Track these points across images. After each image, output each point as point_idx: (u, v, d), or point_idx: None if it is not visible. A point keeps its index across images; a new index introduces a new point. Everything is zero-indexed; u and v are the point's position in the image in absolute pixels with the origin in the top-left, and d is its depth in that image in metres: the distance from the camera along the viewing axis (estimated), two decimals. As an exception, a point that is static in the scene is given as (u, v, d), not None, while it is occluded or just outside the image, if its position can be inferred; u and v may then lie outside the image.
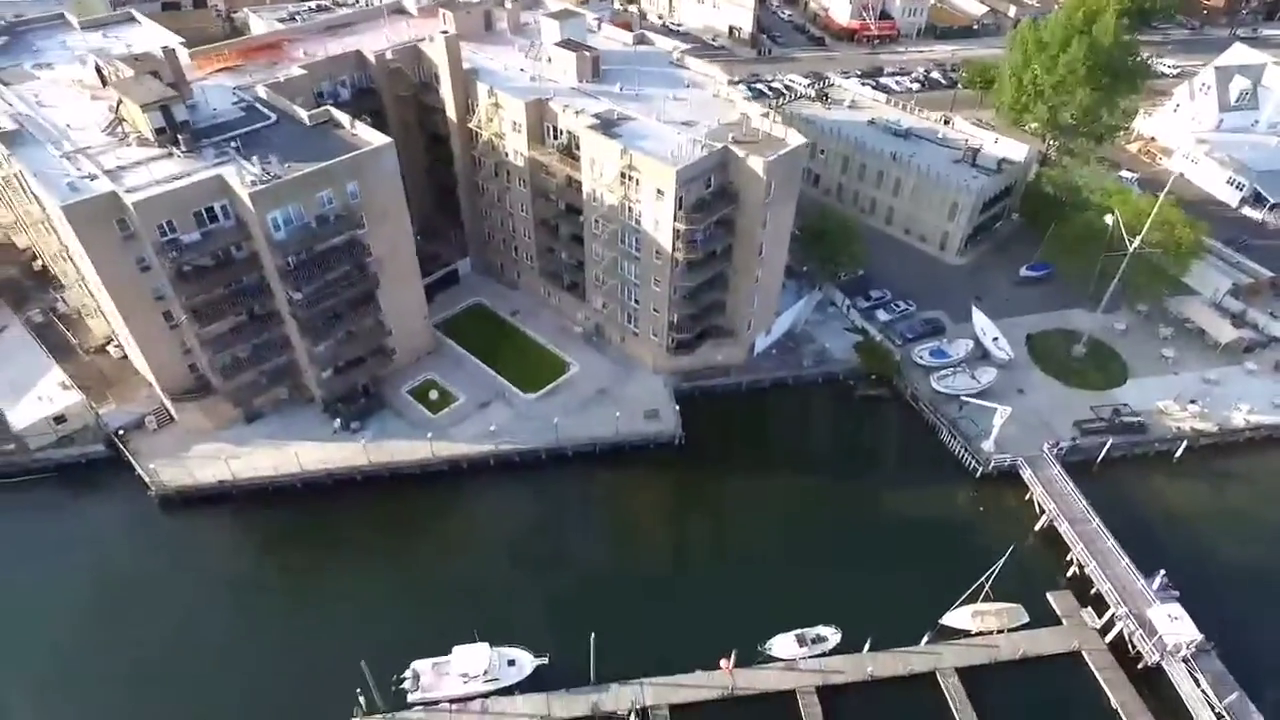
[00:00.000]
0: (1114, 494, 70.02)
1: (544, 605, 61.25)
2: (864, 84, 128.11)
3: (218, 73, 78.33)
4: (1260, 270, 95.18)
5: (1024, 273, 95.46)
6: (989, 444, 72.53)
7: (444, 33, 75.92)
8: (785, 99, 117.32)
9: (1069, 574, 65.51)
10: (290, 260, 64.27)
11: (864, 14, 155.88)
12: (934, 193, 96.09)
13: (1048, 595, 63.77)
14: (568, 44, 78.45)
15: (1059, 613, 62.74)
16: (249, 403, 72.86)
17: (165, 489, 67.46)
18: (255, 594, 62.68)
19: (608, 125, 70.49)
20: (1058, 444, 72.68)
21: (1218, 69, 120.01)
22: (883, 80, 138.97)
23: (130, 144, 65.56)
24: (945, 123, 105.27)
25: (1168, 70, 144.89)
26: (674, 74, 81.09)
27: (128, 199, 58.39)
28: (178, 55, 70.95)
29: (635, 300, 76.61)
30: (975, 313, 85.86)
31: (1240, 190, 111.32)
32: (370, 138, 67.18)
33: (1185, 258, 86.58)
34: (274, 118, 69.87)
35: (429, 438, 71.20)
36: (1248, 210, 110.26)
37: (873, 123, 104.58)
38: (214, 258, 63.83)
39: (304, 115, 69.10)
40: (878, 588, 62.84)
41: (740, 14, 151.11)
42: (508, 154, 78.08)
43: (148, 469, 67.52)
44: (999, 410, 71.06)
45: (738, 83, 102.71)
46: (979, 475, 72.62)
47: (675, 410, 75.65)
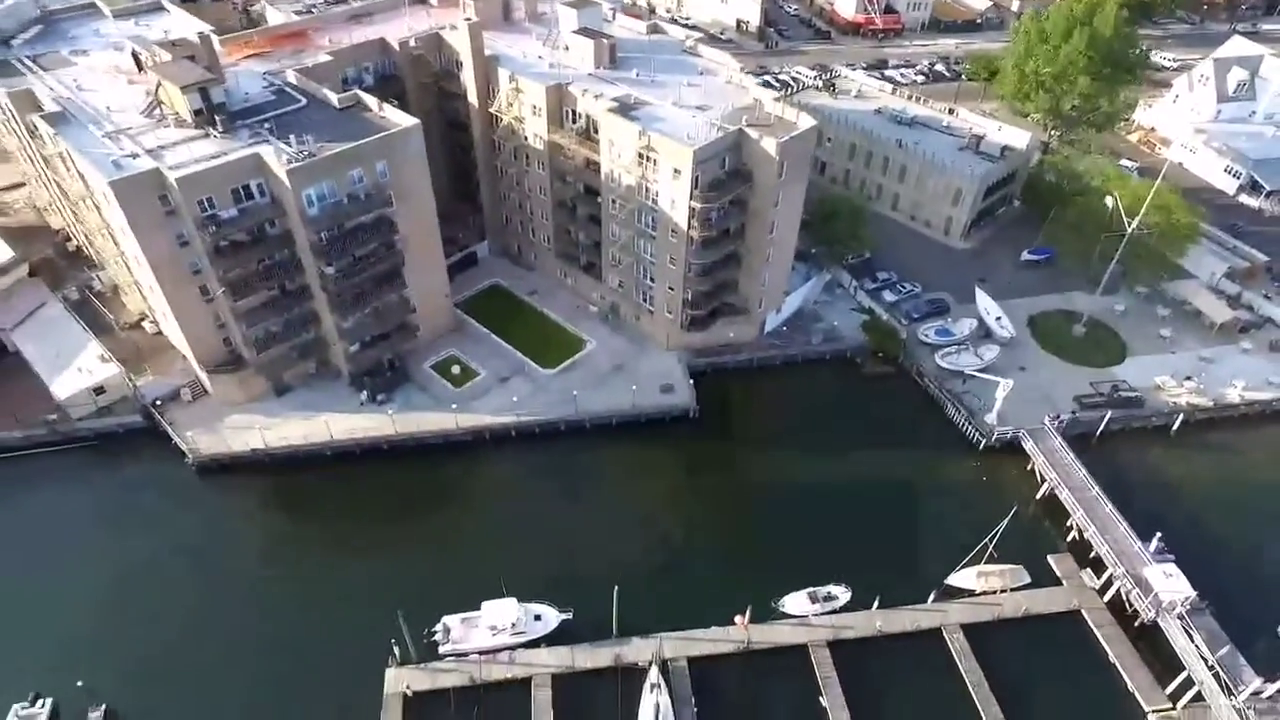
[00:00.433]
0: (1112, 464, 72.65)
1: (567, 565, 63.96)
2: (869, 76, 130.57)
3: (246, 59, 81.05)
4: (1256, 255, 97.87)
5: (1026, 256, 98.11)
6: (992, 417, 75.22)
7: (467, 19, 78.57)
8: (792, 90, 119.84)
9: (1069, 539, 68.24)
10: (322, 236, 67.11)
11: (869, 8, 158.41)
12: (939, 179, 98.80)
13: (1048, 558, 66.51)
14: (585, 31, 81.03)
15: (1059, 574, 65.48)
16: (279, 376, 75.67)
17: (202, 457, 70.31)
18: (292, 554, 65.56)
19: (625, 109, 73.19)
20: (1058, 417, 75.34)
21: (1216, 61, 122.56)
22: (887, 73, 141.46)
23: (168, 125, 68.33)
24: (949, 112, 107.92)
25: (1168, 64, 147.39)
26: (687, 61, 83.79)
27: (170, 175, 61.26)
28: (212, 41, 73.80)
29: (651, 278, 79.36)
30: (979, 293, 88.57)
31: (1237, 179, 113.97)
32: (398, 119, 69.95)
33: (1182, 240, 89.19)
34: (304, 101, 72.63)
35: (453, 408, 74.05)
36: (1244, 198, 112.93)
37: (879, 112, 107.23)
38: (249, 233, 66.71)
39: (333, 98, 71.89)
40: (885, 550, 65.83)
41: (747, 8, 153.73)
42: (527, 137, 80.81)
43: (185, 437, 70.40)
44: (1001, 384, 73.81)
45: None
46: (982, 447, 75.33)
47: (689, 384, 78.42)
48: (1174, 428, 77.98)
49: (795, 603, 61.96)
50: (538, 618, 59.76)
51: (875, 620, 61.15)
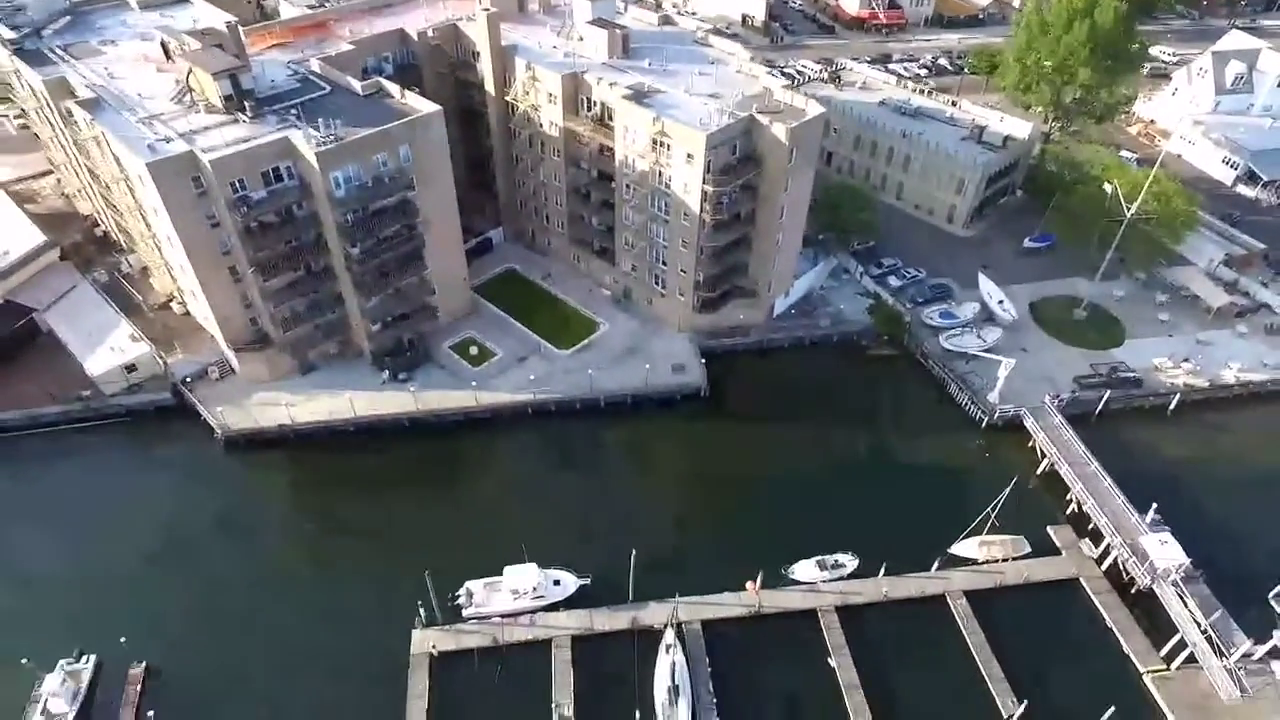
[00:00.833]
0: (1111, 441, 74.86)
1: (585, 534, 66.53)
2: (874, 69, 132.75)
3: (270, 49, 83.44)
4: (1252, 243, 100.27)
5: (1027, 244, 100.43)
6: (994, 395, 77.57)
7: (485, 10, 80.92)
8: (798, 83, 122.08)
9: (1068, 511, 70.55)
10: (348, 217, 69.58)
11: (872, 3, 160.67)
12: (942, 168, 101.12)
13: (1048, 529, 68.91)
14: (599, 22, 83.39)
15: (1058, 544, 67.89)
16: (304, 355, 78.09)
17: (230, 432, 72.78)
18: (318, 524, 68.17)
19: (639, 96, 75.53)
20: (1058, 396, 77.73)
21: (1215, 54, 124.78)
22: (891, 66, 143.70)
23: (199, 111, 70.70)
24: (952, 104, 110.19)
25: (1168, 58, 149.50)
26: (698, 51, 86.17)
27: (204, 158, 63.66)
28: (239, 30, 76.21)
29: (663, 262, 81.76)
30: (982, 278, 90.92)
31: (1235, 169, 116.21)
32: (420, 106, 72.39)
33: (1180, 226, 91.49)
34: (328, 88, 75.02)
35: (473, 386, 76.52)
36: (1242, 188, 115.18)
37: (883, 103, 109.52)
38: (278, 215, 69.08)
39: (357, 86, 74.31)
40: (891, 522, 68.10)
41: (753, 2, 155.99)
42: (543, 125, 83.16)
43: (215, 413, 72.86)
44: (1004, 363, 76.15)
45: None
46: (984, 425, 77.73)
47: (701, 364, 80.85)
48: (1171, 407, 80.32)
49: (804, 570, 64.40)
50: (557, 583, 62.20)
51: (882, 587, 63.59)
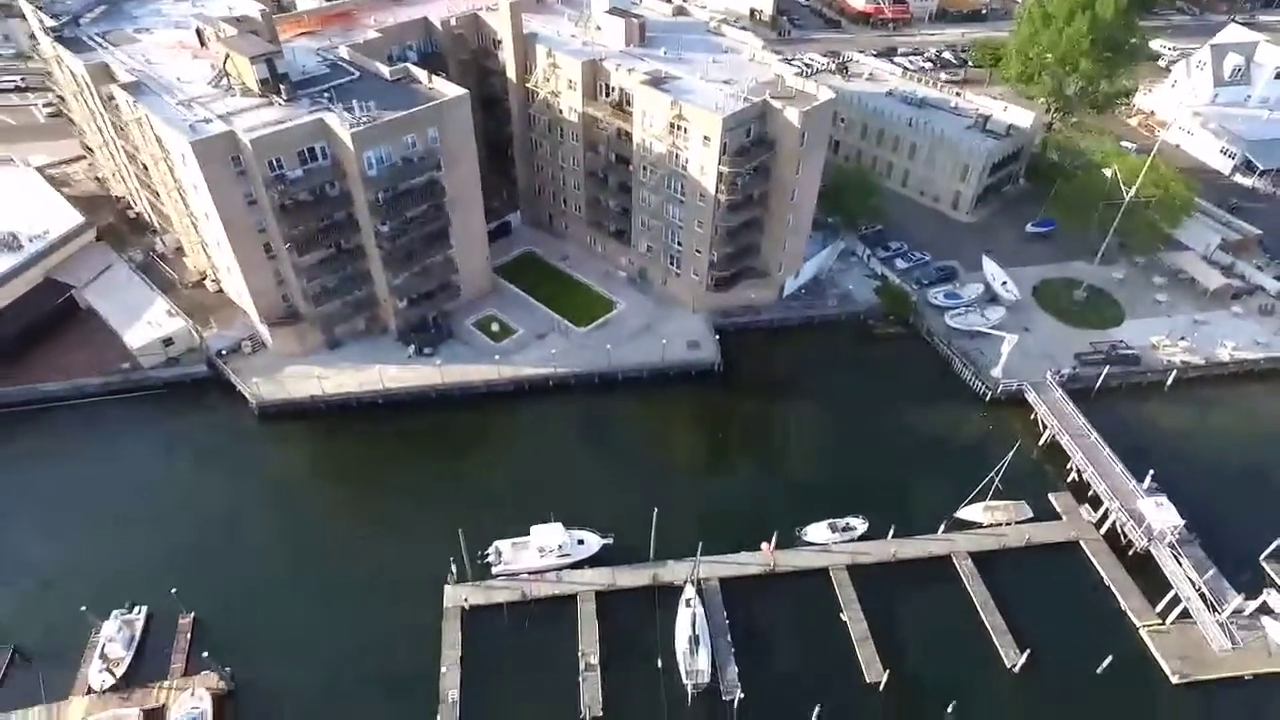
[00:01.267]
0: (1110, 415, 77.65)
1: (607, 497, 69.58)
2: (880, 61, 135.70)
3: (298, 36, 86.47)
4: (1249, 228, 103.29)
5: (1030, 229, 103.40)
6: (997, 371, 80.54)
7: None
8: (806, 74, 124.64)
9: (1068, 480, 73.51)
10: (379, 196, 72.64)
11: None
12: (947, 156, 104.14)
13: (1049, 496, 71.88)
14: (616, 11, 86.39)
15: (1059, 510, 70.88)
16: (332, 330, 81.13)
17: (264, 402, 75.81)
18: (351, 488, 71.10)
19: (657, 82, 78.52)
20: (1059, 371, 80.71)
21: (1213, 47, 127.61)
22: (896, 60, 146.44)
23: (235, 95, 73.74)
24: (957, 94, 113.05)
25: (1168, 53, 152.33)
26: (712, 40, 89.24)
27: (244, 137, 66.69)
28: (271, 17, 79.26)
29: (678, 242, 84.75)
30: (985, 260, 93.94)
31: (1232, 159, 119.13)
32: (447, 90, 75.41)
33: (1178, 210, 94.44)
34: (357, 74, 78.06)
35: (495, 360, 79.59)
36: (1239, 177, 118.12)
37: (890, 93, 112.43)
38: (311, 193, 72.06)
39: (385, 71, 77.40)
40: (898, 488, 71.32)
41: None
42: (562, 110, 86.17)
43: (250, 383, 75.92)
44: (1007, 338, 79.15)
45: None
46: (988, 399, 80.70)
47: (715, 340, 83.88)
48: (1168, 383, 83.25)
49: (816, 532, 67.40)
50: (581, 542, 65.22)
51: (890, 548, 66.55)
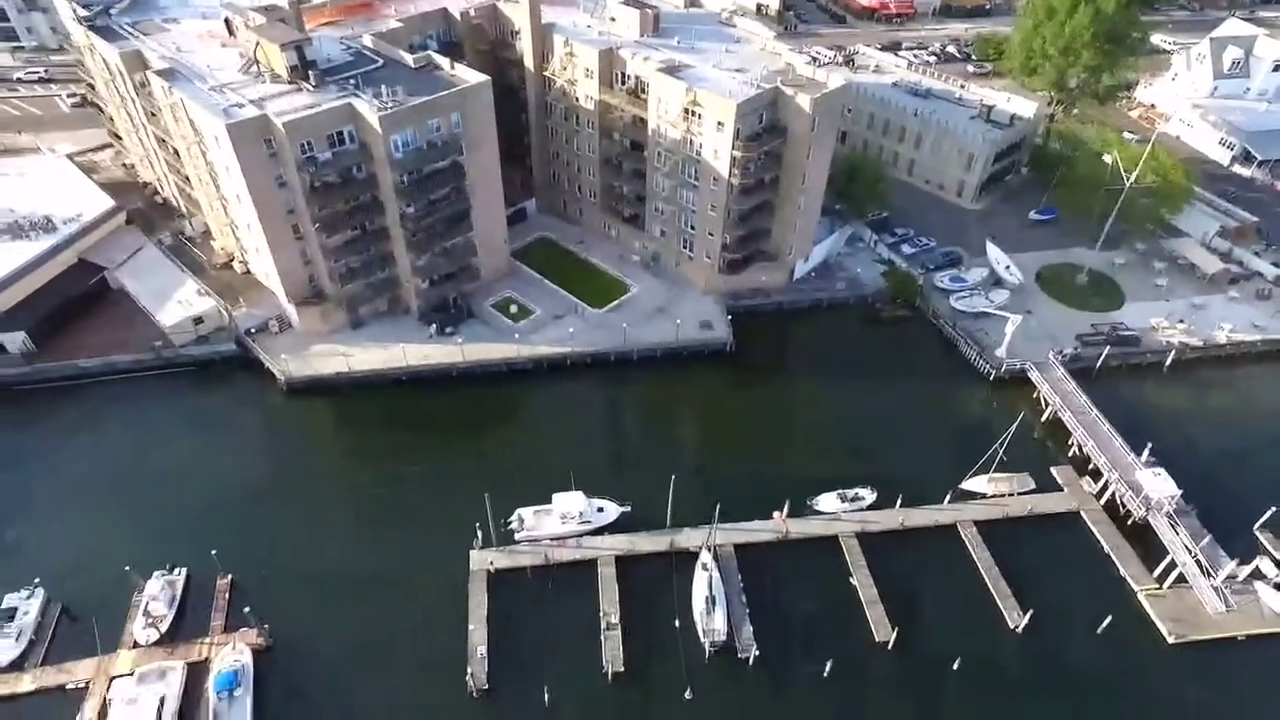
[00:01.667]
0: (1111, 393, 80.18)
1: (625, 469, 72.36)
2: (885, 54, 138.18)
3: (322, 26, 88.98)
4: (1246, 216, 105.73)
5: (1032, 216, 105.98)
6: (1001, 351, 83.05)
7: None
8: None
9: (1069, 454, 76.04)
10: (404, 178, 75.20)
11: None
12: (952, 145, 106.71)
13: (1051, 469, 74.43)
14: (630, 2, 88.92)
15: (1060, 482, 73.44)
16: (356, 310, 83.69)
17: (292, 379, 78.42)
18: (379, 458, 73.52)
19: (672, 70, 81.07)
20: (1061, 351, 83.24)
21: (1213, 40, 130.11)
22: (901, 54, 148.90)
23: (264, 81, 76.37)
24: (961, 86, 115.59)
25: (1168, 47, 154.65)
26: (724, 31, 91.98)
27: (277, 121, 69.26)
28: (299, 6, 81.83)
29: (691, 226, 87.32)
30: (989, 245, 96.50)
31: (1231, 150, 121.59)
32: (469, 76, 78.01)
33: (1177, 197, 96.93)
34: (381, 61, 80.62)
35: (515, 339, 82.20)
36: (1237, 168, 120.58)
37: (896, 84, 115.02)
38: (339, 176, 74.58)
39: (408, 59, 79.97)
40: (906, 461, 73.76)
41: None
42: (578, 98, 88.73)
43: (279, 359, 78.56)
44: (1011, 319, 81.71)
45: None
46: (992, 378, 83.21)
47: (727, 321, 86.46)
48: (1166, 363, 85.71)
49: (827, 502, 69.92)
50: (601, 509, 67.81)
51: (898, 517, 69.10)
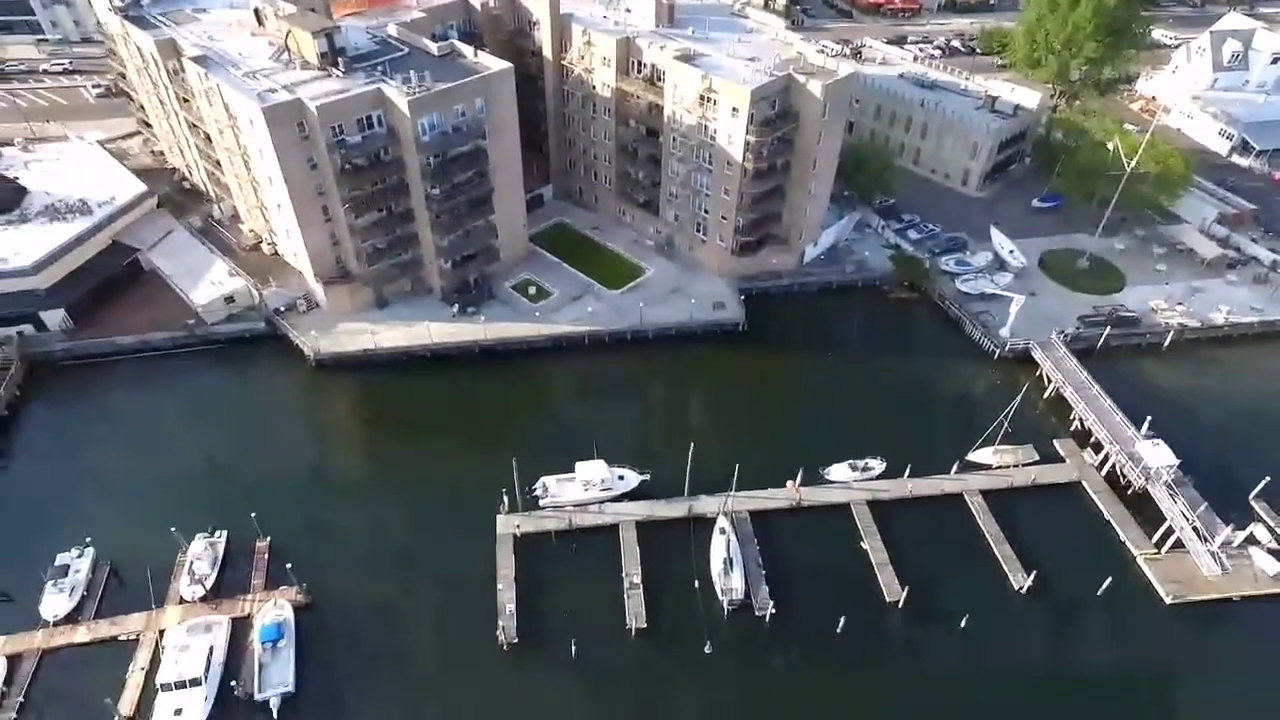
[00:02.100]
0: (1111, 371, 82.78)
1: (643, 440, 75.07)
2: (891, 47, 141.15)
3: (347, 16, 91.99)
4: (1244, 204, 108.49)
5: (1036, 204, 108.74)
6: (1005, 330, 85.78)
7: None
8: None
9: (1071, 429, 78.75)
10: (430, 161, 78.05)
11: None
12: (957, 135, 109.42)
13: (1054, 442, 77.13)
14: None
15: (1063, 454, 76.14)
16: (381, 290, 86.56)
17: (321, 355, 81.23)
18: (408, 430, 76.38)
19: (687, 58, 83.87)
20: (1064, 331, 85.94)
21: (1212, 33, 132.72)
22: (906, 48, 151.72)
23: (295, 68, 79.25)
24: (966, 77, 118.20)
25: (1170, 42, 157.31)
26: (736, 22, 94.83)
27: (310, 105, 72.09)
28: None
29: (705, 210, 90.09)
30: (994, 230, 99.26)
31: (1230, 140, 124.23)
32: (491, 64, 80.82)
33: (1175, 183, 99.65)
34: (406, 49, 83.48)
35: (535, 317, 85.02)
36: (1236, 158, 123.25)
37: (902, 76, 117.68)
38: (368, 158, 77.41)
39: (432, 47, 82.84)
40: (913, 434, 76.57)
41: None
42: (596, 86, 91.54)
43: (308, 336, 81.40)
44: (1015, 299, 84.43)
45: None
46: (996, 357, 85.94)
47: (740, 301, 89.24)
48: (1166, 343, 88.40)
49: (838, 471, 72.68)
50: (621, 477, 70.58)
51: (907, 485, 71.85)
